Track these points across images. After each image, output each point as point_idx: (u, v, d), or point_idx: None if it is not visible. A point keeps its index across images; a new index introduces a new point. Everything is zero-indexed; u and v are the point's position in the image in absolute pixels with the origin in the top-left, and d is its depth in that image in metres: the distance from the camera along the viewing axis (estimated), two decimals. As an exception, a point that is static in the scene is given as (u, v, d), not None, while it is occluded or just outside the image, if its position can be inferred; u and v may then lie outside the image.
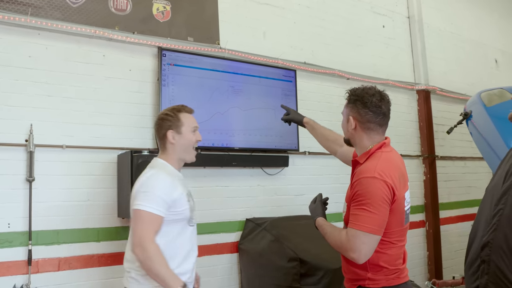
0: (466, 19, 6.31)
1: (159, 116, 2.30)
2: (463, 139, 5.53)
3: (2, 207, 2.88)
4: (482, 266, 2.03)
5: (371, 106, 2.08)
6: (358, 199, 1.92)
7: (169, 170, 2.19)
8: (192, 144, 2.25)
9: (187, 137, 2.22)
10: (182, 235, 2.14)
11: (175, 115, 2.24)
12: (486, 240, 1.93)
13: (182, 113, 2.26)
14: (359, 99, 2.11)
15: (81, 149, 3.16)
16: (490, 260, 1.97)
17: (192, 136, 2.24)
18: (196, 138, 2.26)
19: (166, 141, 2.22)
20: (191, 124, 2.25)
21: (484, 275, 2.01)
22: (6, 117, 2.94)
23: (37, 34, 3.10)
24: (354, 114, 2.10)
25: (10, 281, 2.84)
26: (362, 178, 1.94)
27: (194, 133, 2.26)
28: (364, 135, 2.09)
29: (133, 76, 3.46)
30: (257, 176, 3.97)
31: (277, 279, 3.24)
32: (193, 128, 2.25)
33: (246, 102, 3.88)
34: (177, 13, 3.66)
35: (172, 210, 2.08)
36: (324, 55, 4.62)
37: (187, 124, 2.23)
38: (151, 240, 1.99)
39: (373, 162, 1.99)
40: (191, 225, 2.20)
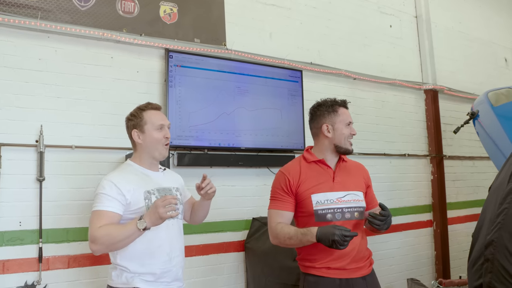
0: (475, 18, 6.27)
1: (126, 116, 2.32)
2: (471, 138, 5.51)
3: (14, 206, 2.95)
4: (486, 264, 2.04)
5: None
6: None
7: (129, 170, 2.22)
8: (157, 141, 2.22)
9: (152, 135, 2.21)
10: (142, 235, 2.07)
11: (138, 114, 2.25)
12: (490, 238, 1.94)
13: (146, 111, 2.26)
14: None
15: (90, 149, 3.23)
16: (494, 259, 1.98)
17: (157, 133, 2.22)
18: (164, 135, 2.24)
19: (133, 141, 2.26)
20: (156, 122, 2.23)
21: (488, 274, 2.02)
22: (17, 119, 3.01)
23: (47, 37, 3.17)
24: None
25: (21, 278, 2.92)
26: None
27: (160, 131, 2.23)
28: None
29: (141, 78, 3.51)
30: (263, 176, 4.00)
31: (283, 278, 3.26)
32: (158, 126, 2.23)
33: (253, 102, 3.92)
34: (184, 15, 3.71)
35: (128, 210, 2.09)
36: (331, 55, 4.64)
37: (150, 122, 2.22)
38: (94, 229, 2.00)
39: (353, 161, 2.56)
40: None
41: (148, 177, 2.23)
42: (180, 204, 2.26)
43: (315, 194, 2.27)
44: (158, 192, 2.18)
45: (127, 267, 2.09)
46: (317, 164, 2.37)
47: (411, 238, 5.04)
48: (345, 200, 2.28)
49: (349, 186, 2.34)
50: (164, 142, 2.24)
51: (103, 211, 2.05)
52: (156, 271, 2.11)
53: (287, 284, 3.21)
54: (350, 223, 2.26)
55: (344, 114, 2.39)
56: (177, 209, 2.14)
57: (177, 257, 2.21)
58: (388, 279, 4.68)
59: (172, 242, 2.20)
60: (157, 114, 2.27)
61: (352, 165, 2.48)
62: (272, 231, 2.29)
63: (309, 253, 2.27)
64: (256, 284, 3.58)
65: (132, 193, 2.11)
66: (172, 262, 2.17)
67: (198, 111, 3.61)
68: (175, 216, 2.02)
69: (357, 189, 2.37)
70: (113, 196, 2.07)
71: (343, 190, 2.30)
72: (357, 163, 2.54)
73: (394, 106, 5.13)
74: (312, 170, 2.35)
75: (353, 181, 2.38)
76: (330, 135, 2.36)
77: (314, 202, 2.25)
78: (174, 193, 2.26)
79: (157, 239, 2.13)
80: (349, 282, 2.22)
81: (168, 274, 2.15)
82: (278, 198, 2.32)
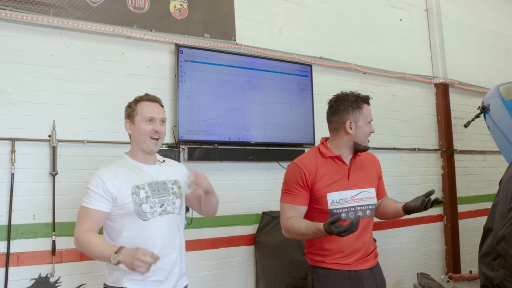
0: (486, 11, 6.20)
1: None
2: (482, 132, 5.46)
3: (28, 199, 3.00)
4: (499, 260, 2.04)
5: None
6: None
7: (120, 163, 2.17)
8: (145, 134, 2.13)
9: (140, 126, 2.13)
10: (130, 230, 2.04)
11: (132, 105, 2.19)
12: (503, 234, 1.94)
13: (140, 102, 2.18)
14: None
15: (102, 144, 3.26)
16: (507, 254, 1.98)
17: (145, 125, 2.13)
18: (153, 128, 2.14)
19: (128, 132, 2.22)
20: (146, 114, 2.14)
21: (500, 269, 2.02)
22: (30, 114, 3.06)
23: (59, 33, 3.21)
24: None
25: (35, 270, 2.97)
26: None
27: (149, 123, 2.14)
28: None
29: (151, 73, 3.54)
30: (273, 170, 4.02)
31: (292, 271, 3.28)
32: (147, 117, 2.14)
33: (262, 97, 3.93)
34: (194, 10, 3.73)
35: (115, 204, 2.05)
36: (340, 50, 4.63)
37: (140, 113, 2.14)
38: (79, 230, 2.00)
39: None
40: (144, 219, 2.06)
41: (140, 171, 2.16)
42: (177, 198, 2.19)
43: (331, 193, 2.24)
44: (149, 187, 2.11)
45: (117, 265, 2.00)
46: (333, 160, 2.31)
47: (421, 233, 5.04)
48: (358, 198, 2.28)
49: (363, 183, 2.32)
50: (152, 135, 2.14)
51: (89, 209, 2.03)
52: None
53: (297, 278, 3.22)
54: (363, 221, 2.25)
55: (367, 111, 2.33)
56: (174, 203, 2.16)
57: (170, 255, 2.12)
58: (398, 274, 4.68)
59: (166, 239, 2.10)
60: (149, 105, 2.18)
61: (365, 158, 2.42)
62: (284, 225, 2.28)
63: (319, 249, 2.28)
64: (266, 277, 3.60)
65: (118, 187, 2.05)
66: (164, 260, 2.06)
67: (208, 106, 3.64)
68: (144, 273, 1.88)
69: (370, 185, 2.36)
70: (99, 193, 2.03)
71: (357, 188, 2.29)
72: (369, 155, 2.48)
73: (404, 100, 5.11)
74: (328, 166, 2.29)
75: (367, 178, 2.36)
76: (352, 132, 2.28)
77: (329, 201, 2.23)
78: (169, 187, 2.18)
79: (146, 237, 2.04)
80: (357, 273, 2.24)
81: (159, 273, 2.06)
82: (292, 192, 2.28)
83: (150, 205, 2.08)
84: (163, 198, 2.13)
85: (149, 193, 2.10)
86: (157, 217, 2.09)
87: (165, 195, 2.15)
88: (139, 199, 2.06)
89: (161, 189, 2.15)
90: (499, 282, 2.02)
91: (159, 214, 2.09)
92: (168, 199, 2.15)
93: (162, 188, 2.16)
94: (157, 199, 2.11)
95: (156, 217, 2.08)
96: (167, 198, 2.15)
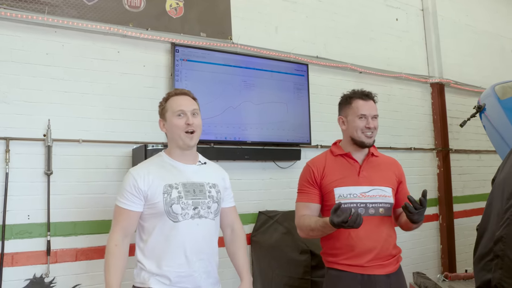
0: (482, 11, 6.22)
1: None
2: (478, 132, 5.47)
3: (22, 199, 2.98)
4: (496, 260, 2.02)
5: None
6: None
7: (155, 161, 2.10)
8: (177, 128, 2.04)
9: (171, 122, 2.05)
10: (160, 231, 1.97)
11: (162, 102, 2.13)
12: (500, 235, 1.92)
13: (169, 98, 2.11)
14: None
15: (97, 143, 3.24)
16: (505, 255, 1.96)
17: (176, 120, 2.04)
18: (185, 121, 2.04)
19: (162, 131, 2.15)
20: (175, 108, 2.05)
21: (498, 270, 2.00)
22: (24, 113, 3.03)
23: (54, 32, 3.19)
24: None
25: (30, 270, 2.95)
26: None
27: (180, 117, 2.05)
28: None
29: (147, 72, 3.52)
30: (269, 169, 4.01)
31: (289, 271, 3.28)
32: (177, 112, 2.05)
33: (259, 96, 3.92)
34: (190, 9, 3.72)
35: (147, 203, 1.99)
36: (337, 49, 4.63)
37: (170, 109, 2.07)
38: (112, 237, 1.98)
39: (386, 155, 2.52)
40: (174, 220, 1.96)
41: (176, 170, 2.06)
42: (214, 203, 2.08)
43: (338, 187, 2.23)
44: (183, 187, 2.00)
45: (145, 265, 1.98)
46: (343, 157, 2.34)
47: (417, 232, 5.00)
48: (369, 195, 2.22)
49: (376, 181, 2.27)
50: (185, 129, 2.03)
51: (122, 209, 1.99)
52: (170, 275, 1.94)
53: (294, 277, 3.22)
54: (374, 219, 2.21)
55: (358, 106, 2.31)
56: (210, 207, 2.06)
57: (201, 261, 2.00)
58: (394, 273, 4.69)
59: (196, 244, 1.99)
60: (178, 99, 2.09)
61: (383, 160, 2.42)
62: (297, 223, 2.28)
63: (331, 248, 2.26)
64: (263, 277, 3.60)
65: (150, 185, 1.97)
66: (193, 267, 1.97)
67: (204, 105, 3.59)
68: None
69: (385, 184, 2.28)
70: (131, 192, 1.98)
71: (369, 184, 2.24)
72: (390, 159, 2.48)
73: (400, 100, 5.11)
74: (338, 163, 2.32)
75: (381, 176, 2.30)
76: (345, 127, 2.37)
77: (336, 196, 2.21)
78: (206, 190, 2.07)
79: (175, 240, 1.96)
80: (371, 278, 2.16)
81: (188, 280, 1.96)
82: (304, 191, 2.31)
83: (181, 206, 1.98)
84: (198, 201, 2.02)
85: (182, 194, 1.99)
86: (188, 219, 1.98)
87: (200, 197, 2.03)
88: (170, 199, 1.97)
89: (197, 191, 2.04)
90: (497, 283, 2.01)
91: (190, 217, 1.99)
92: (203, 202, 2.04)
93: (198, 190, 2.05)
94: (191, 200, 2.00)
95: (188, 220, 1.98)
96: (202, 201, 2.03)
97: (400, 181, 2.39)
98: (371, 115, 2.31)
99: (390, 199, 2.27)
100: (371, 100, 2.36)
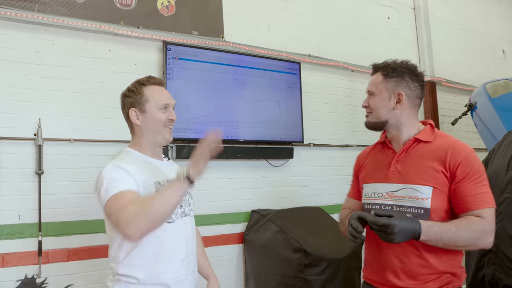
0: (473, 10, 6.26)
1: (122, 92, 1.93)
2: (469, 130, 5.50)
3: (13, 199, 2.95)
4: (489, 255, 2.03)
5: (421, 79, 1.89)
6: (477, 176, 1.67)
7: (131, 158, 1.82)
8: (161, 123, 1.84)
9: (154, 115, 1.83)
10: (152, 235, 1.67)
11: (138, 89, 1.85)
12: (493, 230, 1.93)
13: (147, 86, 1.87)
14: (408, 71, 1.87)
15: (88, 142, 3.22)
16: (498, 250, 1.97)
17: (160, 114, 1.84)
18: (168, 116, 1.85)
19: (131, 123, 1.87)
20: (160, 101, 1.84)
21: (491, 265, 2.01)
22: (15, 112, 3.00)
23: (44, 30, 3.16)
24: (404, 89, 1.84)
25: (21, 271, 2.92)
26: (468, 154, 1.70)
27: (164, 111, 1.85)
28: (411, 113, 1.86)
29: (139, 70, 3.49)
30: (262, 168, 4.01)
31: (282, 269, 3.28)
32: (162, 105, 1.84)
33: (251, 94, 3.91)
34: (182, 7, 3.70)
35: None
36: (329, 47, 4.63)
37: (152, 100, 1.83)
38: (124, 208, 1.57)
39: (452, 138, 1.81)
40: (169, 220, 1.75)
41: (153, 167, 1.84)
42: (191, 199, 1.96)
43: (367, 184, 1.91)
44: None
45: (135, 276, 1.69)
46: (382, 145, 1.95)
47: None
48: (397, 196, 1.76)
49: (410, 177, 1.75)
50: (168, 125, 1.86)
51: (121, 192, 1.63)
52: (169, 281, 1.73)
53: (287, 276, 3.22)
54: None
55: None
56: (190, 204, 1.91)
57: (192, 261, 1.87)
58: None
59: (188, 244, 1.84)
60: (161, 91, 1.88)
61: (438, 146, 1.77)
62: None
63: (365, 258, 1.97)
64: (256, 275, 3.59)
65: (143, 180, 1.72)
66: (188, 269, 1.82)
67: (197, 104, 3.61)
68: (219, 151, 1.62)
69: (422, 182, 1.71)
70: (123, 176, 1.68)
71: (399, 182, 1.77)
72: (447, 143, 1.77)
73: (392, 98, 5.12)
74: (377, 154, 1.96)
75: (420, 171, 1.74)
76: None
77: (363, 194, 1.91)
78: None
79: (172, 242, 1.76)
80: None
81: (184, 284, 1.79)
82: (351, 184, 2.10)
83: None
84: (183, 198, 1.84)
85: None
86: (180, 218, 1.81)
87: None
88: None
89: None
90: (490, 278, 2.02)
91: (180, 216, 1.82)
92: (184, 199, 1.87)
93: None
94: None
95: (179, 219, 1.81)
96: (184, 198, 1.85)
97: (454, 175, 1.69)
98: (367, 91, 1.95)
99: (425, 202, 1.69)
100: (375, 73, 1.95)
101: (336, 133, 4.50)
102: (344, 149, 4.58)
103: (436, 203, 1.68)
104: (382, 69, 1.90)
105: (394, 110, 1.84)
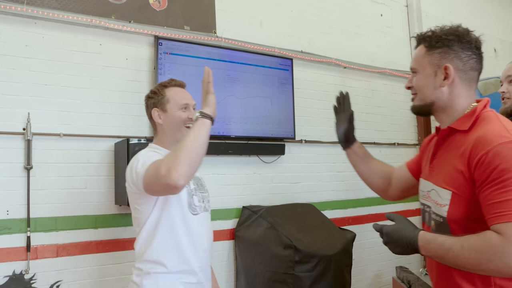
0: (465, 8, 6.28)
1: (146, 95, 2.10)
2: (460, 127, 5.54)
3: (1, 194, 2.92)
4: None
5: (475, 46, 1.49)
6: (503, 177, 1.20)
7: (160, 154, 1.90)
8: (181, 122, 1.97)
9: (175, 114, 1.97)
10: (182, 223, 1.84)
11: (160, 91, 2.02)
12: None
13: (168, 88, 2.03)
14: (457, 38, 1.47)
15: (79, 137, 3.19)
16: None
17: (181, 113, 1.98)
18: (188, 115, 1.98)
19: (154, 122, 2.02)
20: (180, 101, 1.99)
21: None
22: (3, 106, 2.96)
23: (34, 23, 3.12)
24: (452, 61, 1.45)
25: (9, 267, 2.89)
26: (495, 148, 1.24)
27: (184, 110, 1.99)
28: (463, 91, 1.46)
29: (130, 65, 3.47)
30: (253, 164, 4.00)
31: (273, 266, 3.28)
32: (182, 105, 1.99)
33: (243, 90, 3.90)
34: (174, 2, 3.67)
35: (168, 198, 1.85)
36: (321, 44, 4.62)
37: (173, 100, 1.99)
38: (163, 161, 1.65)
39: (495, 124, 1.34)
40: (194, 213, 1.89)
41: None
42: (209, 196, 2.07)
43: (420, 178, 1.64)
44: (193, 180, 1.97)
45: (164, 264, 1.79)
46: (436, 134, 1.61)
47: (399, 227, 5.08)
48: (430, 197, 1.49)
49: (438, 176, 1.46)
50: (188, 123, 1.97)
51: (157, 160, 1.69)
52: (196, 269, 1.86)
53: (278, 272, 3.22)
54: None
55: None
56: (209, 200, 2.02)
57: (210, 255, 1.99)
58: (377, 267, 4.73)
59: (208, 237, 1.98)
60: (181, 91, 2.04)
61: (468, 138, 1.36)
62: None
63: None
64: (247, 272, 3.59)
65: None
66: (209, 261, 1.97)
67: (188, 99, 3.58)
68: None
69: (443, 184, 1.41)
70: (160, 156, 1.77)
71: (432, 181, 1.50)
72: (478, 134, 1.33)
73: (384, 95, 5.14)
74: (431, 142, 1.68)
75: (444, 170, 1.44)
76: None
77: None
78: (203, 184, 2.05)
79: (197, 233, 1.88)
80: None
81: (204, 274, 1.92)
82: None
83: (198, 198, 1.94)
84: (203, 194, 2.00)
85: (195, 185, 1.95)
86: (203, 212, 1.93)
87: (203, 191, 2.01)
88: (190, 189, 1.91)
89: (199, 184, 2.00)
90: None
91: (203, 210, 1.95)
92: (205, 196, 2.01)
93: (200, 184, 2.02)
94: (200, 194, 1.98)
95: (202, 213, 1.93)
96: (205, 194, 2.02)
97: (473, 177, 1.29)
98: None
99: (442, 210, 1.39)
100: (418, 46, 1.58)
101: (327, 130, 4.50)
102: (335, 146, 4.57)
103: (454, 212, 1.34)
104: (425, 40, 1.52)
105: (441, 88, 1.46)
